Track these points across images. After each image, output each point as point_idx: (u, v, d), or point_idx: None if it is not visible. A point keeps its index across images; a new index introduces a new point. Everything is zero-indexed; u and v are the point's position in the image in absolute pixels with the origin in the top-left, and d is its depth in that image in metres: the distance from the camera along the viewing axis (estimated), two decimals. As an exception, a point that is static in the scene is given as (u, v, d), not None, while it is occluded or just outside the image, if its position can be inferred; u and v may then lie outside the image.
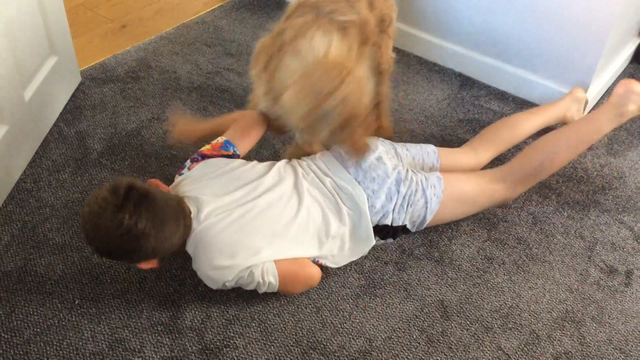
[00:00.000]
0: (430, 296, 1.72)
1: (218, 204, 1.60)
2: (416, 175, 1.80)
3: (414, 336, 1.62)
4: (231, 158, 1.75)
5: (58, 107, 2.27)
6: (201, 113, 2.30)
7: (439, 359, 1.57)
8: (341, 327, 1.64)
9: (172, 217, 1.52)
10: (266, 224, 1.61)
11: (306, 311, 1.67)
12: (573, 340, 1.63)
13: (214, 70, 2.53)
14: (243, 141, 1.81)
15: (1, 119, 1.88)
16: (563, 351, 1.60)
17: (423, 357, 1.58)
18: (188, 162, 1.74)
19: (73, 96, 2.36)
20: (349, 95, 1.52)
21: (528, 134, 2.11)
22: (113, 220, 1.43)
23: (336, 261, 1.72)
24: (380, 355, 1.58)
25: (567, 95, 2.20)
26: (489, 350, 1.60)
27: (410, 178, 1.78)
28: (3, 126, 1.89)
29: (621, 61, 2.49)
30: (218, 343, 1.59)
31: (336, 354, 1.58)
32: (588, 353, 1.60)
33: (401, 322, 1.65)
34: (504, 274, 1.79)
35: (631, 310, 1.71)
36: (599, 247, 1.87)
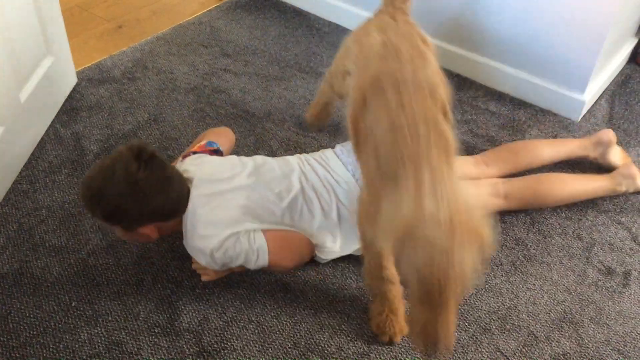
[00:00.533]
0: (428, 297, 1.71)
1: (213, 184, 1.64)
2: None
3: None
4: (216, 154, 1.82)
5: (54, 108, 2.26)
6: (198, 114, 2.29)
7: (438, 361, 1.57)
8: (339, 329, 1.63)
9: (178, 181, 1.60)
10: (257, 209, 1.64)
11: (304, 313, 1.66)
12: (571, 341, 1.63)
13: (211, 70, 2.52)
14: (221, 140, 1.89)
15: (-3, 120, 1.88)
16: (561, 352, 1.60)
17: (421, 359, 1.57)
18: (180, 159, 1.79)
19: (69, 97, 2.35)
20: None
21: (546, 163, 2.08)
22: (127, 169, 1.49)
23: (326, 253, 1.74)
24: (378, 357, 1.57)
25: (594, 136, 2.11)
26: (487, 351, 1.59)
27: None
28: (-1, 127, 1.89)
29: (618, 61, 2.49)
30: (215, 345, 1.58)
31: (334, 356, 1.57)
32: (586, 354, 1.60)
33: (399, 324, 1.65)
34: (502, 275, 1.78)
35: (629, 311, 1.71)
36: (597, 248, 1.87)
